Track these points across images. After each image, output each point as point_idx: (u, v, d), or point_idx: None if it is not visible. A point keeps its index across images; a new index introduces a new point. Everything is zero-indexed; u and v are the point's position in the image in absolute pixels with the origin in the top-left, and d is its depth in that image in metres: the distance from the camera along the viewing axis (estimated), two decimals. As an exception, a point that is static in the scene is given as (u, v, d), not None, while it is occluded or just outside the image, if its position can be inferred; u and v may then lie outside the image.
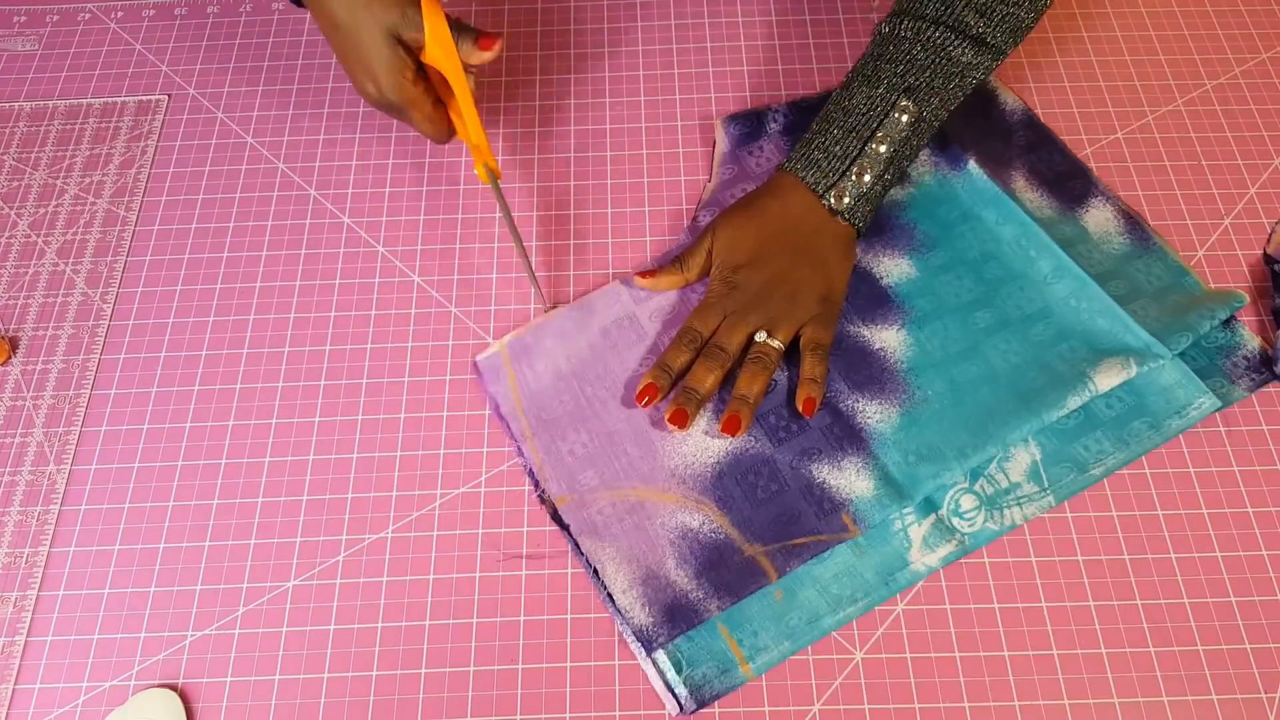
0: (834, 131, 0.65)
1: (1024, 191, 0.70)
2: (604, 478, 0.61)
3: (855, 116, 0.64)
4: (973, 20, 0.63)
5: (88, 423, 0.64)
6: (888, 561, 0.58)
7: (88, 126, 0.76)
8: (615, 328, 0.66)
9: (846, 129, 0.64)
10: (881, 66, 0.64)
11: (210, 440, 0.63)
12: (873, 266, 0.68)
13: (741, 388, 0.60)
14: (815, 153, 0.65)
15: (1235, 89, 0.77)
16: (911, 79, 0.64)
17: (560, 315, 0.66)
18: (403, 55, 0.59)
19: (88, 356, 0.67)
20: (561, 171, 0.74)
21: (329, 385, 0.65)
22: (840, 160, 0.64)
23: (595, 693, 0.56)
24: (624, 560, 0.58)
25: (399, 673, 0.56)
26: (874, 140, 0.64)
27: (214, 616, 0.58)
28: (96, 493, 0.62)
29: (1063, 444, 0.61)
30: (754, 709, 0.55)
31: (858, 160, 0.64)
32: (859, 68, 0.66)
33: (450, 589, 0.58)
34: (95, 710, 0.55)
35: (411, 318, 0.68)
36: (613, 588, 0.57)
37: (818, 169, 0.65)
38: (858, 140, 0.64)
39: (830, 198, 0.64)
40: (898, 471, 0.59)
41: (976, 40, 0.63)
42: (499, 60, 0.78)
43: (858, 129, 0.64)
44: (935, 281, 0.67)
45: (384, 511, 0.61)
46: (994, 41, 0.64)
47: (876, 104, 0.64)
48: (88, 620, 0.58)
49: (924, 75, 0.64)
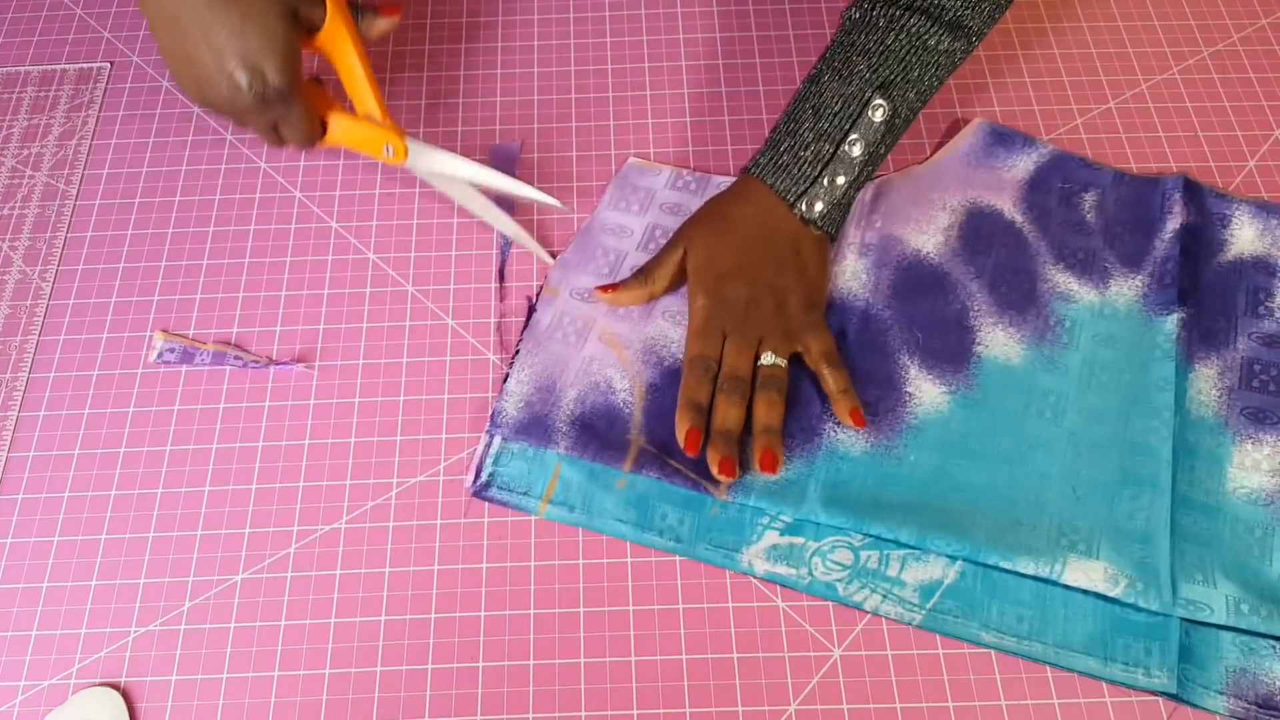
0: (803, 134, 0.62)
1: (1205, 380, 0.60)
2: (591, 305, 0.64)
3: (826, 117, 0.61)
4: (949, 3, 0.60)
5: (25, 407, 0.62)
6: (724, 536, 0.57)
7: (25, 95, 0.74)
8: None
9: (818, 132, 0.61)
10: (853, 59, 0.61)
11: (155, 426, 0.62)
12: (978, 327, 0.62)
13: (763, 419, 0.57)
14: (784, 157, 0.62)
15: (1234, 56, 0.75)
16: (886, 72, 0.60)
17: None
18: (297, 35, 0.55)
19: (26, 337, 0.64)
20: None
21: (279, 369, 0.63)
22: (811, 165, 0.61)
23: (560, 691, 0.54)
24: (541, 363, 0.61)
25: (353, 671, 0.55)
26: (846, 142, 0.61)
27: (158, 612, 0.56)
28: (34, 481, 0.60)
29: (984, 591, 0.55)
30: (727, 709, 0.54)
31: (830, 164, 0.61)
32: (828, 60, 0.63)
33: (407, 583, 0.57)
34: (33, 710, 0.54)
35: (366, 297, 0.66)
36: (513, 372, 0.61)
37: (787, 175, 0.62)
38: (830, 144, 0.61)
39: (801, 206, 0.62)
40: (814, 489, 0.57)
41: (954, 26, 0.60)
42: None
43: (829, 132, 0.61)
44: (1027, 379, 0.60)
45: (338, 501, 0.59)
46: (972, 25, 0.61)
47: (850, 102, 0.61)
48: (25, 616, 0.56)
49: (899, 68, 0.60)
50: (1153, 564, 0.53)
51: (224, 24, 0.51)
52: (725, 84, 0.74)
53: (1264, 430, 0.58)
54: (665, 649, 0.55)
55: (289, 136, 0.58)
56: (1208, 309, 0.62)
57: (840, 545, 0.56)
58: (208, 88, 0.53)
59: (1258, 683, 0.52)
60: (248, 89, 0.53)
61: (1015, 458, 0.58)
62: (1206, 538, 0.55)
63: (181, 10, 0.51)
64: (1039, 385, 0.60)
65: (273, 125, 0.57)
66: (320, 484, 0.60)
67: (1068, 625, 0.54)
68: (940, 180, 0.68)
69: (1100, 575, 0.53)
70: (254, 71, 0.53)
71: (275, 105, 0.55)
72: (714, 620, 0.56)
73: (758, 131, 0.71)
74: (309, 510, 0.59)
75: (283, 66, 0.53)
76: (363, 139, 0.61)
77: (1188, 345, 0.60)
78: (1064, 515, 0.56)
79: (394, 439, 0.61)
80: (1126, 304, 0.63)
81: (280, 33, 0.53)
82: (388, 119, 0.61)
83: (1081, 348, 0.61)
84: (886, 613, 0.55)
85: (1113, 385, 0.60)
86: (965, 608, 0.54)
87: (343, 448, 0.61)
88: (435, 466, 0.60)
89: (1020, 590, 0.55)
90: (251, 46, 0.52)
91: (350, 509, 0.59)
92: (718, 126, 0.72)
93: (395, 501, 0.59)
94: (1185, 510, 0.56)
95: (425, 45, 0.76)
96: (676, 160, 0.71)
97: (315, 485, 0.59)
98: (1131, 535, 0.54)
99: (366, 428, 0.61)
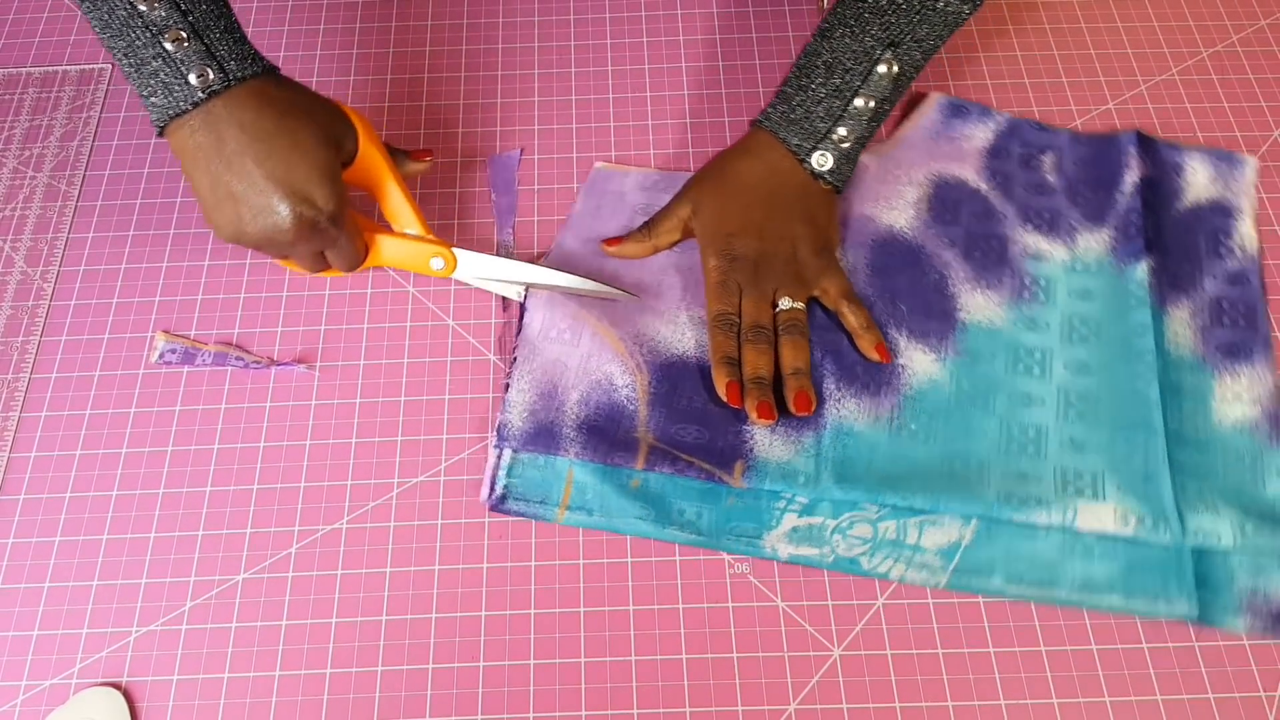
0: (815, 89, 0.62)
1: (1179, 322, 0.63)
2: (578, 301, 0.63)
3: (838, 72, 0.61)
4: None
5: (27, 408, 0.62)
6: (744, 524, 0.57)
7: (27, 96, 0.74)
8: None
9: (830, 87, 0.61)
10: (865, 15, 0.61)
11: (156, 427, 0.61)
12: (957, 294, 0.64)
13: (790, 362, 0.59)
14: (795, 111, 0.62)
15: (1233, 57, 0.75)
16: (896, 30, 0.60)
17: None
18: (339, 161, 0.56)
19: (27, 338, 0.64)
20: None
21: (280, 370, 0.63)
22: (823, 120, 0.61)
23: (560, 691, 0.54)
24: (540, 368, 0.61)
25: (354, 671, 0.55)
26: (858, 96, 0.61)
27: (160, 611, 0.56)
28: (36, 482, 0.60)
29: (1001, 544, 0.57)
30: (727, 709, 0.53)
31: (840, 119, 0.61)
32: (839, 14, 0.62)
33: (408, 583, 0.57)
34: (34, 710, 0.54)
35: (368, 298, 0.66)
36: (513, 381, 0.60)
37: (799, 130, 0.62)
38: (840, 99, 0.61)
39: (813, 161, 0.62)
40: (825, 467, 0.58)
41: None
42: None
43: (840, 87, 0.61)
44: (1015, 338, 0.63)
45: (339, 501, 0.59)
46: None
47: (861, 59, 0.61)
48: (26, 616, 0.56)
49: (908, 25, 0.60)
50: (1159, 501, 0.56)
51: (273, 155, 0.52)
52: (725, 85, 0.74)
53: (1239, 363, 0.62)
54: (665, 649, 0.55)
55: (335, 261, 0.59)
56: (1173, 254, 0.65)
57: (858, 520, 0.57)
58: (256, 221, 0.53)
59: (1270, 599, 0.55)
60: (300, 217, 0.53)
61: (1010, 415, 0.60)
62: (1203, 470, 0.58)
63: (228, 145, 0.52)
64: (1023, 343, 0.62)
65: (319, 252, 0.57)
66: (321, 484, 0.59)
67: (1087, 568, 0.56)
68: (904, 157, 0.69)
69: (1111, 517, 0.55)
70: (305, 200, 0.53)
71: (327, 232, 0.55)
72: (714, 620, 0.56)
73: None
74: (310, 510, 0.59)
75: (332, 193, 0.54)
76: (409, 256, 0.62)
77: (1159, 291, 0.63)
78: (1066, 464, 0.58)
79: (395, 439, 0.61)
80: (1096, 257, 0.65)
81: (326, 159, 0.54)
82: (430, 234, 0.62)
83: (1059, 304, 0.64)
84: (912, 579, 0.56)
85: (1094, 336, 0.63)
86: (986, 564, 0.56)
87: (344, 448, 0.60)
88: (436, 467, 0.60)
89: (1035, 540, 0.57)
90: (300, 175, 0.53)
91: (351, 509, 0.59)
92: (717, 128, 0.72)
93: (396, 502, 0.59)
94: (1179, 447, 0.58)
95: (425, 49, 0.76)
96: (677, 161, 0.71)
97: (316, 485, 0.59)
98: (1134, 476, 0.57)
99: (367, 428, 0.61)
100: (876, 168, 0.68)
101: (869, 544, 0.57)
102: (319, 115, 0.55)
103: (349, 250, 0.58)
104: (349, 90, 0.74)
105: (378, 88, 0.74)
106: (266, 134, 0.52)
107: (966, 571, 0.56)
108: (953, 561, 0.56)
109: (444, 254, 0.62)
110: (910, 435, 0.59)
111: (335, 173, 0.55)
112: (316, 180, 0.53)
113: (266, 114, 0.52)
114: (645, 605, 0.56)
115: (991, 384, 0.61)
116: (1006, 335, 0.63)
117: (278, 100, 0.53)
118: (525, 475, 0.59)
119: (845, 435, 0.59)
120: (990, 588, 0.55)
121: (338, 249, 0.58)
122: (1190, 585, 0.55)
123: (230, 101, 0.51)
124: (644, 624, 0.55)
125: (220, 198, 0.52)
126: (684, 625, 0.55)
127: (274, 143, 0.52)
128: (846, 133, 0.61)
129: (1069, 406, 0.60)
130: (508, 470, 0.59)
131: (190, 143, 0.52)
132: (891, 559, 0.56)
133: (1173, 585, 0.55)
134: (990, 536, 0.57)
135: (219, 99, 0.51)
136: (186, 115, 0.51)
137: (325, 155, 0.54)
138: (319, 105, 0.56)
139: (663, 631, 0.55)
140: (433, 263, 0.62)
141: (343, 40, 0.76)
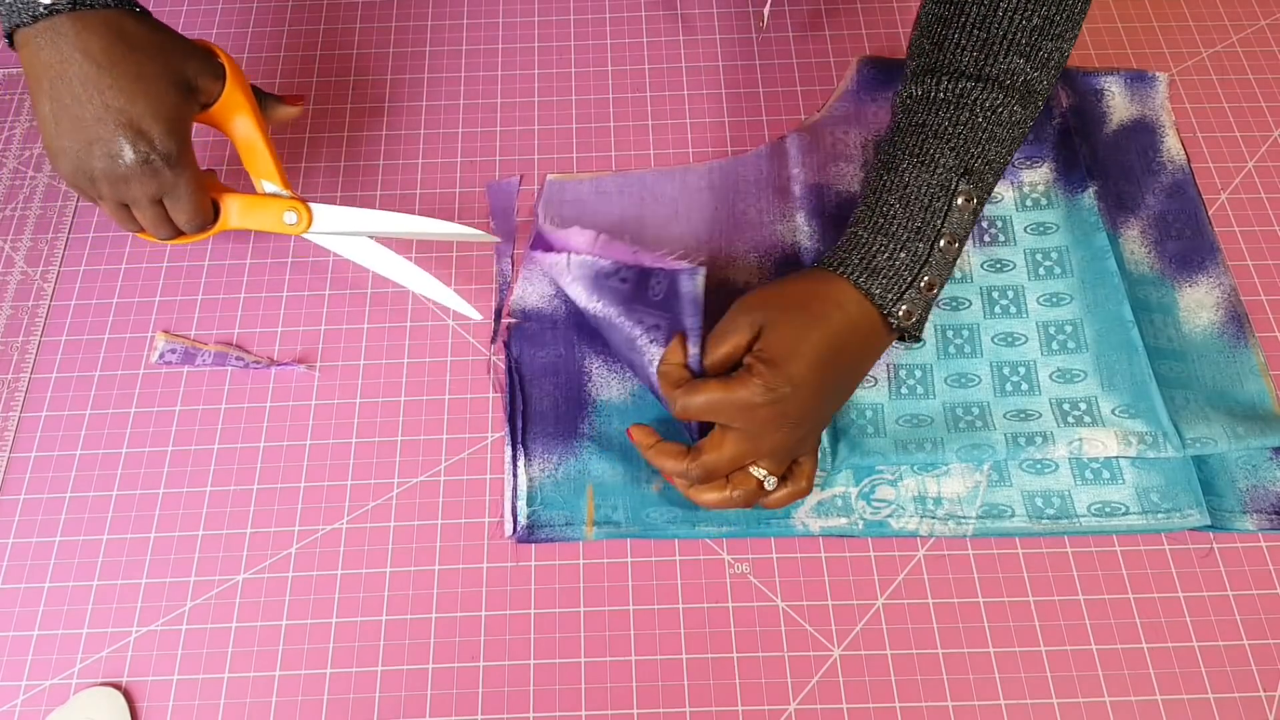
0: (896, 231, 0.54)
1: (1133, 241, 0.65)
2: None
3: (917, 212, 0.54)
4: (1020, 65, 0.54)
5: (27, 408, 0.62)
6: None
7: (27, 97, 0.73)
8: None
9: (911, 229, 0.54)
10: (928, 142, 0.55)
11: (156, 427, 0.61)
12: None
13: (711, 504, 0.54)
14: (877, 257, 0.54)
15: (1232, 57, 0.75)
16: (966, 156, 0.54)
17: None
18: (188, 105, 0.55)
19: (27, 338, 0.64)
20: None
21: (280, 370, 0.63)
22: (908, 269, 0.54)
23: (560, 691, 0.54)
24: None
25: (355, 670, 0.55)
26: (940, 237, 0.54)
27: (160, 612, 0.56)
28: (36, 482, 0.60)
29: (1016, 483, 0.58)
30: (727, 708, 0.53)
31: (925, 265, 0.54)
32: (900, 145, 0.56)
33: (408, 583, 0.57)
34: (35, 710, 0.54)
35: (367, 298, 0.66)
36: (522, 467, 0.60)
37: (883, 280, 0.53)
38: (924, 242, 0.54)
39: (899, 313, 0.54)
40: (839, 439, 0.59)
41: (1024, 92, 0.55)
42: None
43: (923, 229, 0.54)
44: (985, 281, 0.64)
45: (339, 501, 0.59)
46: (1040, 87, 0.55)
47: (937, 194, 0.54)
48: (27, 616, 0.56)
49: (977, 147, 0.55)
50: (1154, 416, 0.58)
51: (115, 85, 0.51)
52: (725, 85, 0.74)
53: (1194, 273, 0.64)
54: (665, 649, 0.55)
55: (177, 216, 0.56)
56: (1112, 176, 0.68)
57: (879, 483, 0.59)
58: (91, 152, 0.52)
59: (1268, 493, 0.58)
60: (136, 152, 0.52)
61: (997, 356, 0.62)
62: (1185, 380, 0.61)
63: (70, 70, 0.50)
64: (995, 285, 0.64)
65: (158, 201, 0.55)
66: (321, 484, 0.59)
67: (1100, 493, 0.58)
68: (839, 124, 0.70)
69: (1114, 441, 0.57)
70: (141, 135, 0.52)
71: (162, 173, 0.53)
72: (714, 620, 0.56)
73: (757, 133, 0.71)
74: (310, 510, 0.59)
75: (170, 131, 0.53)
76: (261, 214, 0.60)
77: (1109, 215, 0.66)
78: (1059, 395, 0.60)
79: (395, 439, 0.61)
80: (1044, 191, 0.68)
81: (171, 98, 0.53)
82: (288, 188, 0.60)
83: (1019, 241, 0.66)
84: (941, 533, 0.57)
85: (1059, 267, 0.65)
86: (1006, 505, 0.58)
87: (344, 448, 0.60)
88: (436, 467, 0.60)
89: (1045, 475, 0.58)
90: (140, 109, 0.51)
91: (351, 509, 0.59)
92: (717, 128, 0.72)
93: (396, 502, 0.59)
94: (1159, 360, 0.61)
95: (425, 57, 0.76)
96: (678, 161, 0.70)
97: (316, 486, 0.59)
98: (1124, 396, 0.59)
99: (367, 428, 0.61)
100: (814, 139, 0.69)
101: (893, 505, 0.58)
102: (173, 55, 0.54)
103: (189, 203, 0.56)
104: (349, 90, 0.74)
105: (378, 88, 0.74)
106: (111, 64, 0.51)
107: (990, 517, 0.57)
108: (974, 509, 0.58)
109: (297, 207, 0.60)
110: (912, 393, 0.61)
111: (179, 113, 0.53)
112: (154, 117, 0.52)
113: (117, 46, 0.51)
114: (645, 605, 0.56)
115: (973, 330, 0.63)
116: (978, 280, 0.64)
117: (131, 35, 0.52)
118: (546, 499, 0.59)
119: (850, 406, 0.60)
120: (1016, 530, 0.57)
121: (176, 199, 0.55)
122: (1199, 495, 0.57)
123: (80, 25, 0.50)
124: (644, 624, 0.55)
125: (61, 125, 0.51)
126: (684, 625, 0.55)
127: (118, 73, 0.51)
128: (931, 279, 0.54)
129: (1050, 339, 0.62)
130: (527, 500, 0.59)
131: (36, 60, 0.51)
132: (918, 516, 0.57)
133: (1183, 497, 0.57)
134: (1004, 478, 0.58)
135: (67, 18, 0.50)
136: (34, 28, 0.50)
137: (170, 94, 0.53)
138: (176, 45, 0.54)
139: (663, 631, 0.55)
140: (285, 217, 0.60)
141: (343, 40, 0.76)
